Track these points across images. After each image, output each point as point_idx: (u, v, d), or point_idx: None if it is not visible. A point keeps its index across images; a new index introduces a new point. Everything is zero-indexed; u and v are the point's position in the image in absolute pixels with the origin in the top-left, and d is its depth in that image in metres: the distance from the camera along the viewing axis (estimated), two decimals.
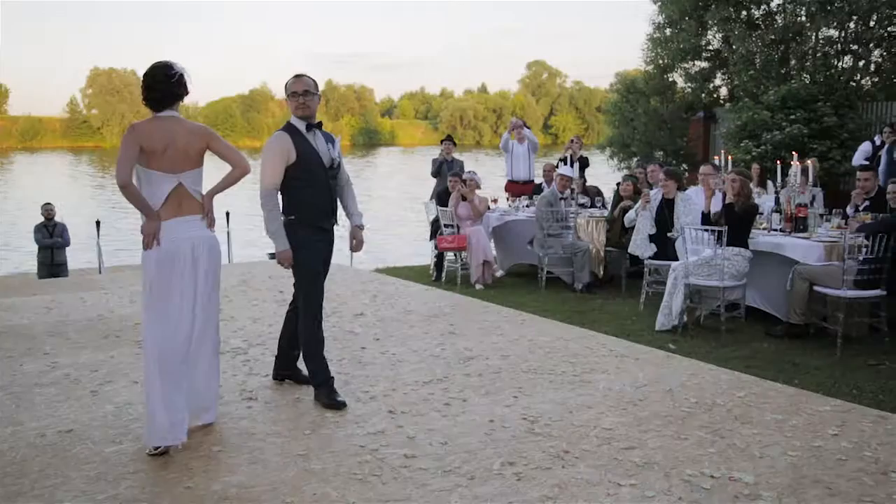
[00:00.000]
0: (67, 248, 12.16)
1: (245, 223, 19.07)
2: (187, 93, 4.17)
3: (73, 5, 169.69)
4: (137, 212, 4.13)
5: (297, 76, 4.72)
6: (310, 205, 4.67)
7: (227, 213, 12.76)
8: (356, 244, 4.97)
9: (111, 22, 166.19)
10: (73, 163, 63.12)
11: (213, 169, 4.31)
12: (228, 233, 13.11)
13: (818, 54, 14.68)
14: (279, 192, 4.66)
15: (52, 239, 11.82)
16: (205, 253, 4.14)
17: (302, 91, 4.63)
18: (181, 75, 4.10)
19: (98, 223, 13.77)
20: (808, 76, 14.55)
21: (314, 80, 4.75)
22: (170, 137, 4.03)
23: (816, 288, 6.55)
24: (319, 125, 4.75)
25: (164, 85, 4.07)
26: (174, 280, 4.07)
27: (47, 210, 11.98)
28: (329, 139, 4.80)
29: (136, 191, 4.04)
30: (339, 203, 4.88)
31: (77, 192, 37.29)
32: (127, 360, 5.77)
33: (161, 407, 3.99)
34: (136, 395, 4.94)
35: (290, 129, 4.67)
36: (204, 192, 4.23)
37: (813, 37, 14.63)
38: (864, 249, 6.37)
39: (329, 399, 4.68)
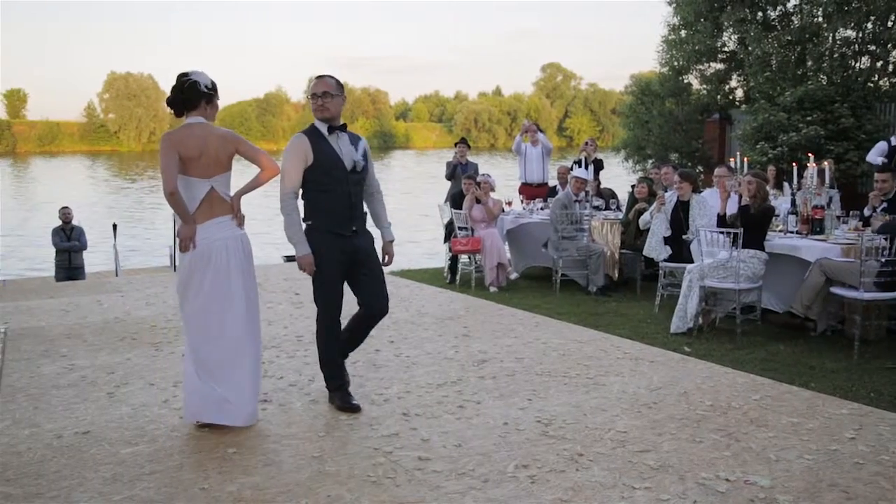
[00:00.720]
0: (84, 251, 12.25)
1: (266, 226, 19.14)
2: (202, 98, 4.33)
3: (90, 8, 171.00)
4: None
5: (319, 77, 4.65)
6: (328, 210, 4.57)
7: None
8: (388, 260, 4.88)
9: (127, 25, 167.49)
10: (90, 167, 63.65)
11: (236, 172, 4.40)
12: None
13: (835, 55, 14.55)
14: (301, 196, 4.63)
15: (69, 242, 11.91)
16: (238, 251, 4.34)
17: (321, 92, 4.56)
18: (194, 82, 4.31)
19: (115, 226, 13.89)
20: (824, 77, 14.42)
21: (337, 81, 4.64)
22: (203, 144, 4.23)
23: (833, 290, 6.50)
24: (343, 127, 4.64)
25: (177, 90, 4.32)
26: (208, 279, 4.27)
27: (65, 213, 12.08)
28: (355, 141, 4.67)
29: (181, 198, 4.24)
30: (364, 210, 4.74)
31: (94, 195, 37.59)
32: (143, 361, 5.81)
33: (194, 392, 4.33)
34: (151, 396, 4.98)
35: (311, 130, 4.60)
36: (232, 193, 4.42)
37: (830, 37, 14.51)
38: (884, 251, 6.30)
39: (343, 402, 4.69)
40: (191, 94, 4.29)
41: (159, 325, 7.01)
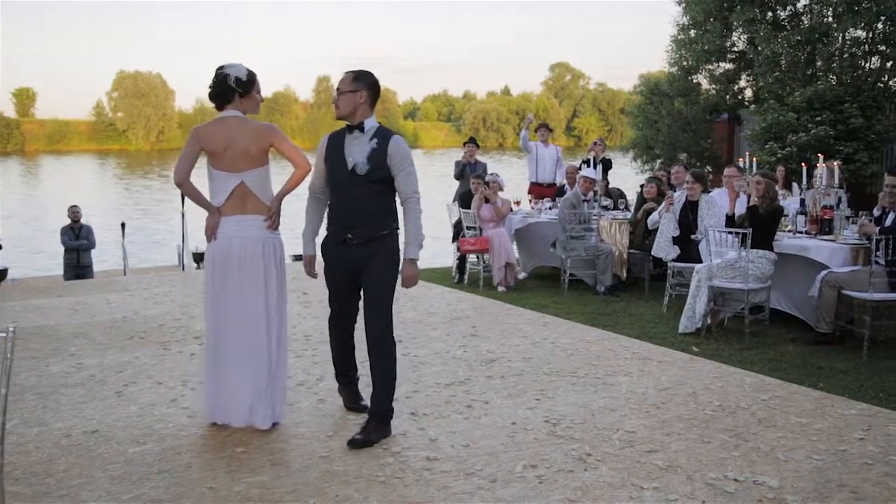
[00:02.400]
0: (93, 250, 12.29)
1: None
2: (234, 92, 4.28)
3: (99, 7, 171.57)
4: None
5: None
6: (332, 213, 4.39)
7: None
8: (403, 281, 4.29)
9: (136, 24, 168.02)
10: (99, 165, 63.91)
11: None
12: None
13: (845, 55, 14.48)
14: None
15: (78, 241, 11.95)
16: (255, 254, 4.26)
17: (335, 90, 4.35)
18: (224, 76, 4.27)
19: (123, 225, 13.94)
20: (834, 77, 14.37)
21: (355, 75, 4.26)
22: (230, 138, 4.21)
23: (844, 291, 6.47)
24: (360, 126, 4.24)
25: (211, 84, 4.31)
26: (222, 275, 4.26)
27: (73, 212, 12.12)
28: (370, 141, 4.22)
29: (191, 188, 4.28)
30: (375, 217, 4.23)
31: (103, 194, 37.73)
32: (151, 361, 5.82)
33: (209, 387, 4.35)
34: (159, 395, 4.99)
35: (339, 130, 4.37)
36: (274, 191, 4.37)
37: (840, 37, 14.45)
38: (878, 252, 6.27)
39: (351, 403, 4.69)
40: (223, 88, 4.26)
41: (167, 324, 7.03)
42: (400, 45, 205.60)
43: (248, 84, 4.29)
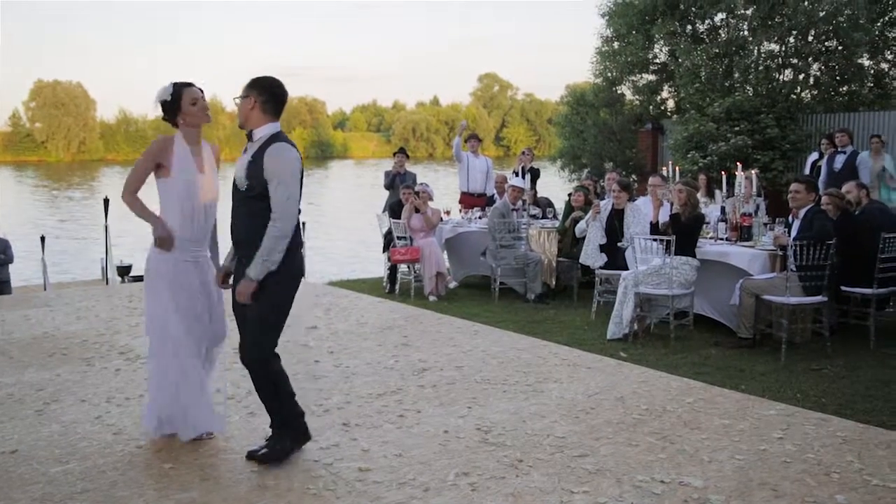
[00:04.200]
0: (10, 265, 11.83)
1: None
2: (163, 111, 4.25)
3: (12, 10, 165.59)
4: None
5: None
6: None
7: None
8: (235, 294, 3.94)
9: (55, 29, 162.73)
10: (15, 178, 61.57)
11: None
12: None
13: (760, 67, 15.08)
14: None
15: None
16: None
17: None
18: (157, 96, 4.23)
19: (42, 239, 13.48)
20: (751, 89, 14.94)
21: (252, 80, 3.96)
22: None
23: (763, 297, 6.71)
24: (249, 135, 3.93)
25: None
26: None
27: None
28: (256, 150, 3.85)
29: (135, 202, 4.25)
30: (249, 238, 3.85)
31: (20, 207, 36.39)
32: (73, 378, 5.64)
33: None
34: (83, 413, 4.84)
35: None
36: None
37: (755, 50, 15.03)
38: (792, 258, 6.54)
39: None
40: (160, 108, 4.26)
41: (91, 340, 6.82)
42: (328, 55, 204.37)
43: (172, 103, 4.21)
